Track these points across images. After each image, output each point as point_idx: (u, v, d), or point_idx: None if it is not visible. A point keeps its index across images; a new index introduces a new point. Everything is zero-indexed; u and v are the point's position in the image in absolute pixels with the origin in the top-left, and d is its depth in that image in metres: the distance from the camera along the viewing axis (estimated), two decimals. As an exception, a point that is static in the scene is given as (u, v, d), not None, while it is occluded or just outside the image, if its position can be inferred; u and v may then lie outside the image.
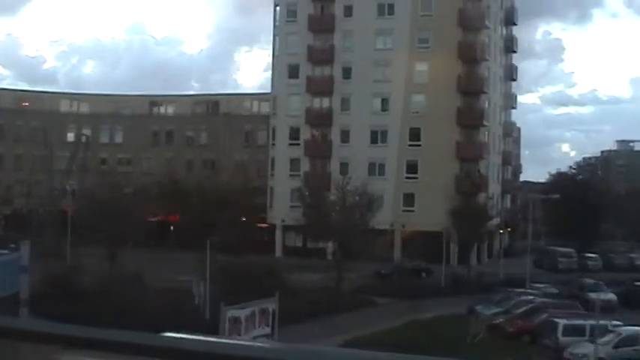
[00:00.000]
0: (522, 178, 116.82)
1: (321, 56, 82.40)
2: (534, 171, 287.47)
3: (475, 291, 57.32)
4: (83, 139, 78.07)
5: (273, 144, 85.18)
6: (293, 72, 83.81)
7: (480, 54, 79.80)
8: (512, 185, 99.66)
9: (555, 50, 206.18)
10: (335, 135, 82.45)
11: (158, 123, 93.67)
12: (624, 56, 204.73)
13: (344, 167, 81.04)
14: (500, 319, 42.60)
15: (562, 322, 37.87)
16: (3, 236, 53.03)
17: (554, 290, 54.75)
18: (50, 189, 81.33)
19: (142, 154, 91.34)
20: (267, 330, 30.92)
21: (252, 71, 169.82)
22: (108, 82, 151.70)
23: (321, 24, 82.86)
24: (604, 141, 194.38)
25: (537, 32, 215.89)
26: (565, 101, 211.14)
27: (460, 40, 79.61)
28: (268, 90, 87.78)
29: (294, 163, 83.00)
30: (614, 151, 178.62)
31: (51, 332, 3.32)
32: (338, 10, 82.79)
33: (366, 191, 56.20)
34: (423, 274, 67.58)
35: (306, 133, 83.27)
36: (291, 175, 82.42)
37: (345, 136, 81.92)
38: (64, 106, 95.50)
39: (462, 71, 79.53)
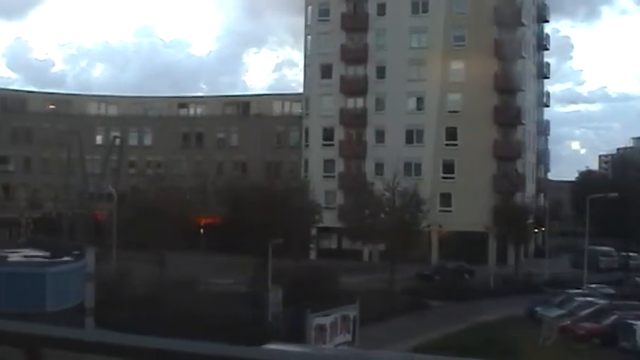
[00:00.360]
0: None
1: (355, 55, 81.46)
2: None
3: (524, 292, 56.41)
4: (117, 141, 76.94)
5: (306, 145, 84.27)
6: (326, 72, 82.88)
7: (517, 51, 78.79)
8: (546, 184, 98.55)
9: (564, 48, 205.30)
10: (370, 135, 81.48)
11: (188, 125, 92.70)
12: (634, 53, 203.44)
13: (379, 168, 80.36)
14: (567, 322, 41.65)
15: (640, 324, 36.94)
16: (66, 243, 51.76)
17: (610, 291, 53.71)
18: (81, 192, 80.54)
19: (171, 156, 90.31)
20: (349, 337, 30.10)
21: (261, 72, 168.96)
22: (117, 85, 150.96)
23: (355, 23, 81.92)
24: (613, 138, 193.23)
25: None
26: (574, 99, 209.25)
27: (496, 37, 78.57)
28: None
29: (328, 164, 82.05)
30: (631, 148, 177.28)
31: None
32: (371, 8, 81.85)
33: (416, 192, 55.33)
34: (466, 275, 66.58)
35: (340, 134, 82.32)
36: (325, 177, 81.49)
37: (380, 136, 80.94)
38: (92, 109, 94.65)
39: (498, 69, 78.47)
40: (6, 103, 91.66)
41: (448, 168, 78.79)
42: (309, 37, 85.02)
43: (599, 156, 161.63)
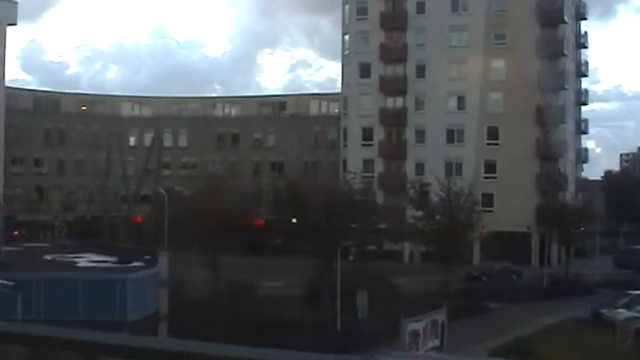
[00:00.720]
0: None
1: (394, 54, 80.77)
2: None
3: (576, 293, 55.54)
4: (155, 142, 76.23)
5: (345, 145, 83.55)
6: (364, 71, 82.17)
7: (559, 50, 77.92)
8: (586, 183, 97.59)
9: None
10: (410, 135, 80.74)
11: (223, 125, 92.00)
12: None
13: (419, 168, 79.71)
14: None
15: None
16: (136, 247, 50.88)
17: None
18: (119, 194, 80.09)
19: (207, 157, 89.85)
20: (437, 342, 29.30)
21: (275, 73, 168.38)
22: (131, 87, 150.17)
23: (394, 21, 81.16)
24: (628, 137, 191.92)
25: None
26: (590, 97, 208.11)
27: (538, 35, 77.63)
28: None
29: (368, 164, 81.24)
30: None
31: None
32: (410, 6, 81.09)
33: (471, 192, 54.56)
34: (513, 276, 65.72)
35: (379, 134, 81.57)
36: (364, 177, 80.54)
37: (420, 135, 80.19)
38: (126, 110, 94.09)
39: (540, 67, 77.54)
40: (39, 104, 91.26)
41: (490, 168, 77.91)
42: (346, 36, 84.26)
43: (620, 155, 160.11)
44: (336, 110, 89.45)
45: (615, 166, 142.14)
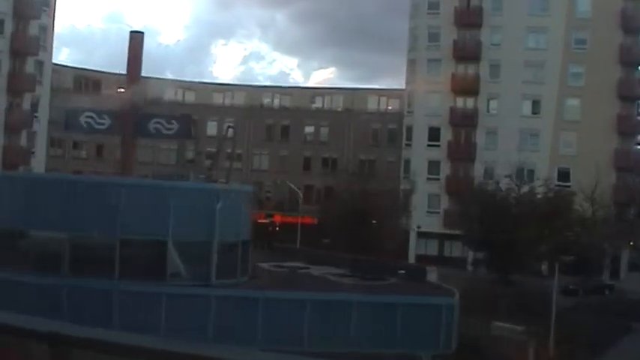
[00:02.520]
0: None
1: (467, 53, 77.36)
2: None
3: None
4: (230, 132, 70.36)
5: (408, 144, 79.97)
6: (433, 68, 78.67)
7: (643, 57, 75.41)
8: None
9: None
10: (480, 137, 77.44)
11: (272, 116, 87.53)
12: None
13: (488, 171, 76.65)
14: None
15: None
16: (377, 261, 44.66)
17: None
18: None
19: (253, 149, 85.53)
20: None
21: (227, 64, 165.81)
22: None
23: (468, 18, 77.74)
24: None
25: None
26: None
27: (622, 42, 74.91)
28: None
29: (433, 165, 77.85)
30: None
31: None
32: (486, 3, 77.79)
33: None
34: (606, 291, 63.05)
35: (447, 134, 78.15)
36: (428, 179, 77.37)
37: (490, 138, 76.94)
38: (169, 94, 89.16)
39: (622, 75, 74.91)
40: (80, 84, 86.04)
41: (564, 176, 74.86)
42: (413, 30, 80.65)
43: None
44: (389, 107, 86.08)
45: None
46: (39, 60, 75.19)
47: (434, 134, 78.39)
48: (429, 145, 78.15)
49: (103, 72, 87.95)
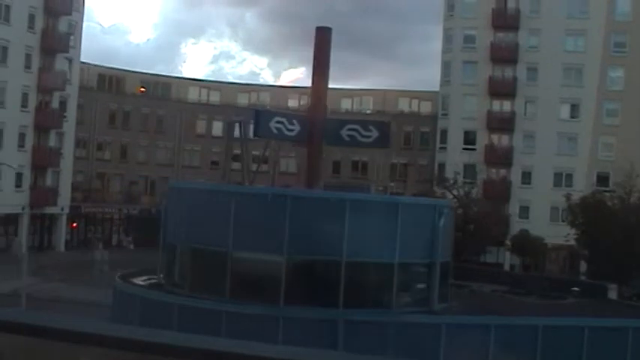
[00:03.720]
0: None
1: (505, 55, 76.12)
2: None
3: None
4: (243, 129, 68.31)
5: (442, 147, 78.65)
6: (469, 70, 77.43)
7: (684, 62, 74.43)
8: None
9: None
10: (517, 141, 76.27)
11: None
12: None
13: (526, 176, 75.79)
14: None
15: None
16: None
17: None
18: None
19: (281, 152, 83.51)
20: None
21: (197, 63, 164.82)
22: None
23: (506, 20, 76.61)
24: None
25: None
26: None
27: (663, 46, 74.08)
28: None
29: (469, 169, 76.48)
30: None
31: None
32: (524, 5, 76.68)
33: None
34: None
35: (484, 138, 76.90)
36: (464, 183, 75.95)
37: (528, 142, 75.79)
38: (193, 94, 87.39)
39: (662, 80, 74.03)
40: (103, 82, 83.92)
41: (603, 181, 73.77)
42: (448, 31, 79.32)
43: None
44: (414, 109, 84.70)
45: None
46: (68, 57, 73.15)
47: (470, 138, 77.16)
48: (464, 149, 76.85)
49: (126, 70, 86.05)
